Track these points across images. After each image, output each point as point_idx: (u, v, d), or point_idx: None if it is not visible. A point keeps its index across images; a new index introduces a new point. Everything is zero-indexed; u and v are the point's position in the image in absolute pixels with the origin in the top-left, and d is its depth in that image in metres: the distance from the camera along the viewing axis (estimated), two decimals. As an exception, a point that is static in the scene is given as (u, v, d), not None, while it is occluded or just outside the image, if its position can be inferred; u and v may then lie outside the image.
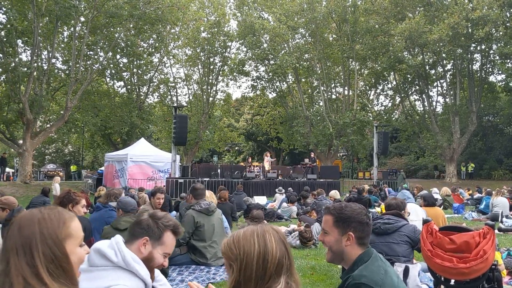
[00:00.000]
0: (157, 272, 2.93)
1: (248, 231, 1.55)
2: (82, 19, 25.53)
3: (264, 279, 1.48)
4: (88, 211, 10.65)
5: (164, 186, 16.95)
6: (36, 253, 1.38)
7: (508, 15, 29.16)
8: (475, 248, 3.46)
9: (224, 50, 34.35)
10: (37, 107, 23.31)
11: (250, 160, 25.26)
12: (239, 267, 1.49)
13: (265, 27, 30.26)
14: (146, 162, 22.74)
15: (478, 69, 32.22)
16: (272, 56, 32.77)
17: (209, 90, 34.88)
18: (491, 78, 33.43)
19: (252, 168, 23.54)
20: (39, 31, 23.09)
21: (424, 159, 39.47)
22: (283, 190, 16.50)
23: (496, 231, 4.20)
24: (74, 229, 1.50)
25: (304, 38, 34.27)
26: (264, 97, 40.11)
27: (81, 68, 25.22)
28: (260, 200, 17.01)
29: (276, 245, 1.53)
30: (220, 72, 35.16)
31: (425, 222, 3.79)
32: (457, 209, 14.69)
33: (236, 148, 55.35)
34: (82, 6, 23.88)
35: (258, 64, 35.25)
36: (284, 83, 35.92)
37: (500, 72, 30.72)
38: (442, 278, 3.70)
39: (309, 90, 36.79)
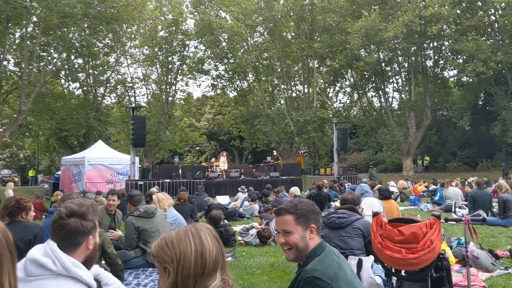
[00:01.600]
0: (108, 275, 2.83)
1: (181, 232, 1.54)
2: (34, 19, 24.61)
3: (203, 277, 1.47)
4: (44, 216, 10.32)
5: (123, 188, 16.61)
6: None
7: (459, 12, 30.24)
8: (422, 239, 3.55)
9: (182, 49, 33.98)
10: (-12, 111, 22.38)
11: (213, 160, 25.08)
12: (175, 268, 1.46)
13: (222, 26, 30.17)
14: (104, 165, 22.23)
15: (432, 65, 33.26)
16: (231, 55, 32.71)
17: (168, 90, 34.42)
18: (444, 74, 34.62)
19: (214, 168, 23.41)
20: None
21: (382, 154, 40.43)
22: (246, 189, 16.52)
23: (443, 221, 4.34)
24: None
25: (263, 37, 34.41)
26: (225, 96, 39.98)
27: (34, 70, 24.36)
28: (223, 199, 16.93)
29: (212, 242, 1.53)
30: (179, 71, 34.75)
31: (374, 215, 3.87)
32: (414, 201, 15.14)
33: (198, 148, 54.95)
34: (34, 5, 23.00)
35: (218, 63, 35.11)
36: (245, 82, 35.93)
37: (452, 68, 31.86)
38: (393, 269, 3.79)
39: (270, 89, 36.94)
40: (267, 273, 5.80)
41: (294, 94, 36.09)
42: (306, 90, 34.44)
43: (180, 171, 23.11)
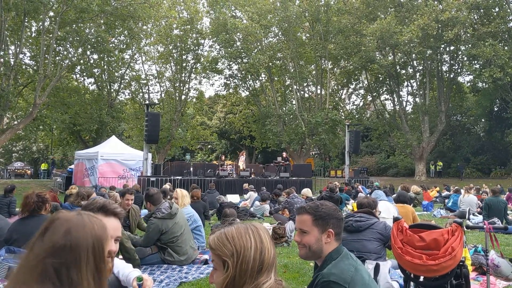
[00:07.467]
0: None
1: (241, 228, 1.58)
2: (51, 13, 24.82)
3: (260, 274, 1.52)
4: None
5: (137, 184, 16.71)
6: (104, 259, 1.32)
7: (476, 17, 29.93)
8: (443, 245, 3.52)
9: (197, 48, 34.10)
10: (3, 104, 22.61)
11: (223, 158, 25.17)
12: (235, 263, 1.51)
13: (237, 26, 30.21)
14: (117, 160, 22.40)
15: (447, 69, 32.96)
16: (245, 55, 32.73)
17: (181, 88, 34.57)
18: (459, 79, 34.28)
19: (225, 166, 23.48)
20: (6, 25, 22.38)
21: (395, 158, 40.15)
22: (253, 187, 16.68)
23: (464, 228, 4.28)
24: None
25: (277, 37, 34.38)
26: (237, 95, 40.03)
27: (50, 64, 24.57)
28: (233, 198, 16.95)
29: (270, 242, 1.59)
30: (193, 69, 34.87)
31: (395, 220, 3.84)
32: (426, 207, 15.01)
33: (209, 146, 55.09)
34: (51, 0, 23.19)
35: (231, 63, 35.17)
36: (257, 81, 35.95)
37: (468, 73, 31.54)
38: (412, 275, 3.76)
39: (282, 89, 36.92)
40: (281, 274, 5.78)
41: (306, 95, 36.02)
42: (318, 91, 34.36)
43: (191, 168, 23.20)
